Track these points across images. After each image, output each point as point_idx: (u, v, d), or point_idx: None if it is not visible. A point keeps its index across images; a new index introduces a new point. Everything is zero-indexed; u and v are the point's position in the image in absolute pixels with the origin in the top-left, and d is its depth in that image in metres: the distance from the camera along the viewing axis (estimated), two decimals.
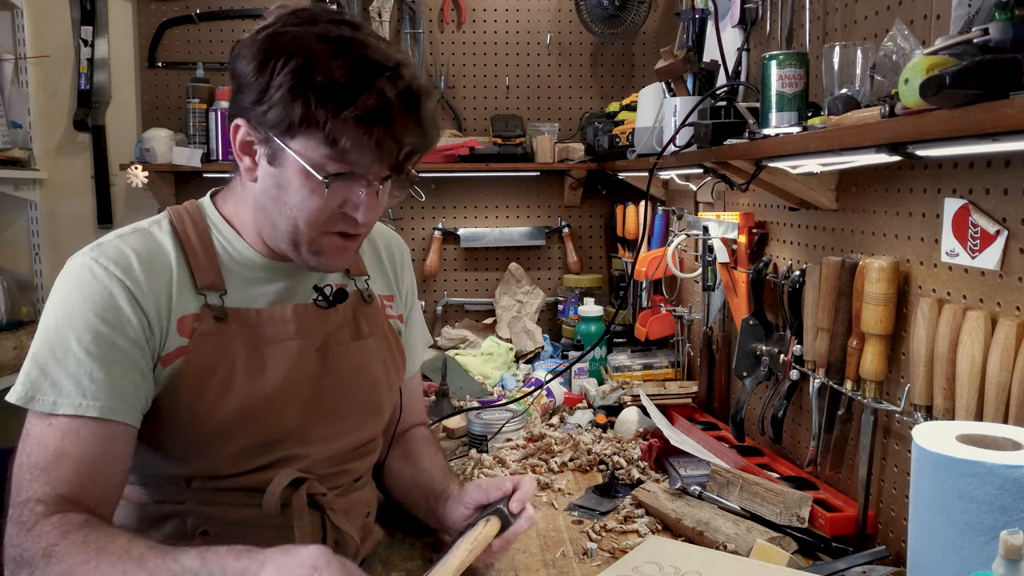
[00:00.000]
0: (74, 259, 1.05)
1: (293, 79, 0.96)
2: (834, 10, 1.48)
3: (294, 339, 1.13)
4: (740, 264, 1.76)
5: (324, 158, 1.00)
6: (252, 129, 1.03)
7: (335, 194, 1.03)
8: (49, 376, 0.99)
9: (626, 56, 2.97)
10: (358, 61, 0.98)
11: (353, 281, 1.26)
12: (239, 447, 1.09)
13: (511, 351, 2.61)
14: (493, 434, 1.83)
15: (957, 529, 0.82)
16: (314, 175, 1.01)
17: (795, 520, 1.30)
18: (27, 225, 2.85)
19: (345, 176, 1.02)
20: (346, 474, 1.21)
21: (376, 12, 2.77)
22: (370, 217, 1.06)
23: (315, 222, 1.05)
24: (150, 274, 1.05)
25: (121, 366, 1.01)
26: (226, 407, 1.07)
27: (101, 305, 1.01)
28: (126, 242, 1.07)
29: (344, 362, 1.18)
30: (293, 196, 1.03)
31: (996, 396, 0.99)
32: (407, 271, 1.39)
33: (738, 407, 1.67)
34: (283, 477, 1.10)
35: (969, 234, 1.09)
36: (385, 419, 1.30)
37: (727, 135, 1.50)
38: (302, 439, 1.14)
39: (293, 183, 1.03)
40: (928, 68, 0.85)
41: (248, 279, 1.13)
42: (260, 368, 1.10)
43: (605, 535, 1.37)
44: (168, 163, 2.64)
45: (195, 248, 1.10)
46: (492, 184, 2.96)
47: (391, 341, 1.29)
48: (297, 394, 1.13)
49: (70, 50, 2.83)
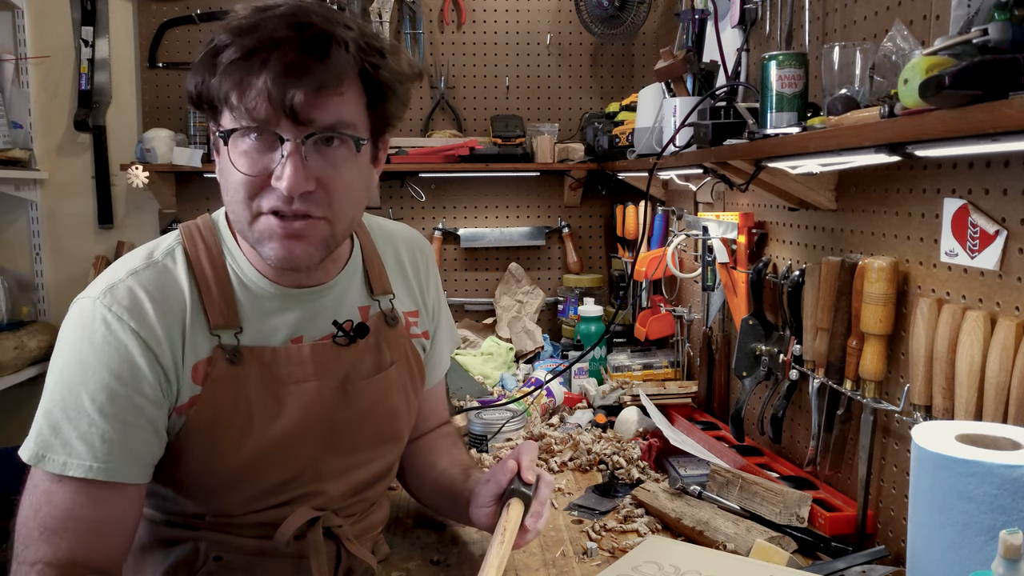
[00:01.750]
0: (84, 304, 0.98)
1: (207, 58, 0.93)
2: (834, 10, 1.49)
3: (312, 380, 1.06)
4: (740, 264, 1.76)
5: (230, 122, 0.94)
6: (212, 132, 0.99)
7: (246, 157, 0.93)
8: (60, 435, 0.94)
9: (626, 56, 2.97)
10: (247, 17, 0.92)
11: (377, 302, 1.17)
12: (253, 491, 1.05)
13: (511, 351, 2.61)
14: (493, 434, 1.84)
15: (956, 529, 0.82)
16: (223, 145, 0.95)
17: (795, 520, 1.30)
18: (28, 225, 2.85)
19: (241, 131, 0.93)
20: (362, 503, 1.18)
21: (376, 12, 2.78)
22: (293, 185, 0.92)
23: (244, 199, 0.95)
24: (163, 318, 0.98)
25: (136, 426, 0.96)
26: (241, 454, 1.02)
27: (116, 361, 0.95)
28: (139, 281, 0.99)
29: (364, 397, 1.12)
30: (226, 173, 0.96)
31: (995, 396, 0.99)
32: (432, 276, 1.30)
33: (738, 407, 1.67)
34: (298, 516, 1.06)
35: (968, 234, 1.09)
36: (404, 444, 1.25)
37: (727, 135, 1.50)
38: (316, 475, 1.09)
39: (224, 161, 0.96)
40: (927, 68, 0.85)
41: (263, 311, 1.05)
42: (276, 412, 1.04)
43: (605, 535, 1.38)
44: (169, 163, 2.64)
45: (209, 284, 1.02)
46: (492, 184, 2.96)
47: (412, 365, 1.22)
48: (312, 433, 1.07)
49: (71, 50, 2.83)
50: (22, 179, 2.75)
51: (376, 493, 1.22)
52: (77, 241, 2.88)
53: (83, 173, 2.88)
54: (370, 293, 1.17)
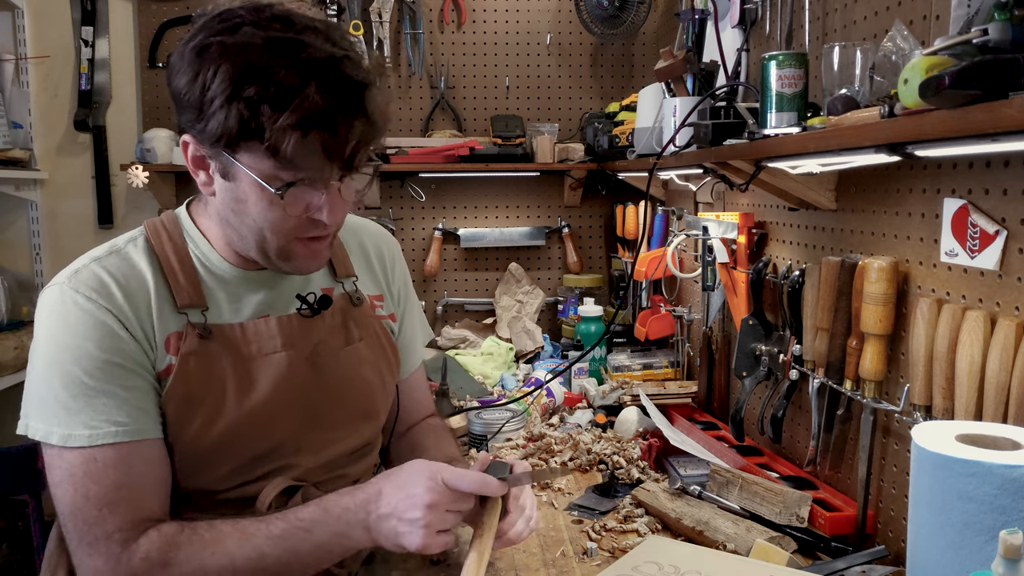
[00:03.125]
0: (52, 291, 1.03)
1: (226, 91, 0.92)
2: (834, 10, 1.49)
3: (281, 352, 1.11)
4: (740, 264, 1.76)
5: (273, 168, 0.96)
6: (199, 144, 0.99)
7: (293, 202, 1.00)
8: (73, 413, 0.99)
9: (626, 56, 2.97)
10: (290, 62, 0.93)
11: (340, 284, 1.23)
12: (231, 465, 1.09)
13: (511, 351, 2.61)
14: (493, 434, 1.84)
15: (956, 529, 0.82)
16: (267, 187, 0.98)
17: (794, 520, 1.30)
18: (28, 225, 2.85)
19: (297, 184, 0.98)
20: (343, 479, 1.20)
21: (376, 12, 2.78)
22: (335, 217, 1.03)
23: (280, 231, 1.02)
24: (129, 298, 1.04)
25: (134, 387, 1.02)
26: (218, 426, 1.06)
27: (96, 334, 1.00)
28: (102, 265, 1.05)
29: (335, 370, 1.17)
30: (252, 208, 1.01)
31: (995, 396, 0.99)
32: (398, 268, 1.36)
33: (738, 407, 1.67)
34: (274, 486, 1.10)
35: (968, 234, 1.09)
36: (381, 422, 1.29)
37: (727, 135, 1.50)
38: (295, 449, 1.13)
39: (250, 196, 1.00)
40: (927, 68, 0.85)
41: (229, 293, 1.11)
42: (249, 386, 1.09)
43: (605, 535, 1.38)
44: (169, 163, 2.64)
45: (173, 266, 1.08)
46: (492, 184, 2.96)
47: (383, 342, 1.26)
48: (288, 406, 1.12)
49: (71, 50, 2.84)
50: (22, 179, 2.75)
51: (357, 470, 1.23)
52: (77, 241, 2.88)
53: (83, 173, 2.89)
54: (333, 275, 1.23)
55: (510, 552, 1.31)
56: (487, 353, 2.58)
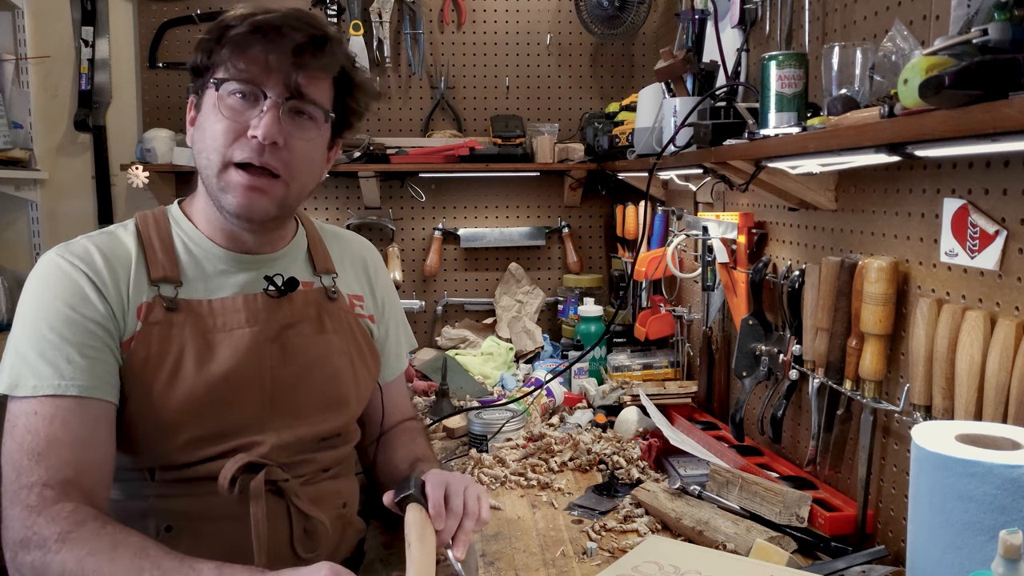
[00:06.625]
0: (43, 258, 1.12)
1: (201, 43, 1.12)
2: (833, 10, 1.49)
3: (245, 328, 1.16)
4: (739, 264, 1.76)
5: (223, 74, 1.10)
6: (192, 95, 1.16)
7: (232, 105, 1.09)
8: (28, 363, 1.04)
9: (626, 56, 2.97)
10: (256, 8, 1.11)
11: (319, 278, 1.28)
12: (191, 436, 1.11)
13: (511, 351, 2.61)
14: (493, 434, 1.84)
15: (956, 529, 0.82)
16: (212, 91, 1.10)
17: (794, 519, 1.30)
18: (28, 225, 2.85)
19: (234, 80, 1.08)
20: (310, 463, 1.21)
21: (376, 12, 2.78)
22: (267, 132, 1.08)
23: (220, 146, 1.09)
24: (110, 268, 1.12)
25: (94, 348, 1.07)
26: (175, 395, 1.10)
27: (69, 293, 1.08)
28: (91, 240, 1.15)
29: (303, 354, 1.20)
30: (205, 122, 1.12)
31: (995, 396, 0.99)
32: (381, 279, 1.41)
33: (737, 407, 1.67)
34: (235, 461, 1.10)
35: (968, 234, 1.09)
36: (353, 412, 1.29)
37: (727, 135, 1.50)
38: (258, 428, 1.15)
39: (207, 114, 1.12)
40: (927, 68, 0.85)
41: (209, 272, 1.18)
42: (209, 356, 1.13)
43: (605, 535, 1.38)
44: (169, 163, 2.64)
45: (153, 243, 1.16)
46: (492, 184, 2.96)
47: (359, 337, 1.29)
48: (251, 384, 1.15)
49: (71, 50, 2.83)
50: (22, 179, 2.75)
51: (327, 458, 1.23)
52: None
53: (83, 173, 2.88)
54: (313, 269, 1.28)
55: (510, 552, 1.31)
56: (487, 353, 2.58)
